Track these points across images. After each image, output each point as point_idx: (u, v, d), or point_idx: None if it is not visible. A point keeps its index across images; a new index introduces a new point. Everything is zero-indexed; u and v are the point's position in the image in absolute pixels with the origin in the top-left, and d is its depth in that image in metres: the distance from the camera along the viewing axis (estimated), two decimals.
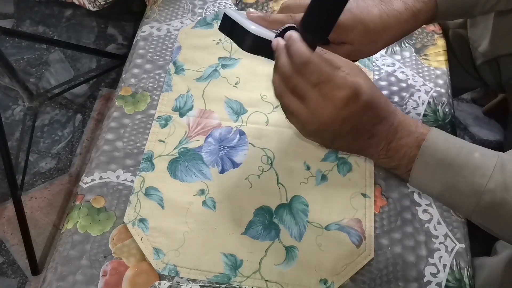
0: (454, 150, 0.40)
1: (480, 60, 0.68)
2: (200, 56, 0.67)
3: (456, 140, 0.42)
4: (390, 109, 0.41)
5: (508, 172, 0.38)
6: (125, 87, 0.64)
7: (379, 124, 0.41)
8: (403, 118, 0.42)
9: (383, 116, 0.41)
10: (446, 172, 0.40)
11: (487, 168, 0.39)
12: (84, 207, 0.55)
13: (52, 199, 1.17)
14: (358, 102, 0.38)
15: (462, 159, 0.40)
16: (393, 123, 0.41)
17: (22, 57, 1.39)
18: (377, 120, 0.41)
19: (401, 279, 0.51)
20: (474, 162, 0.39)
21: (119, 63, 1.34)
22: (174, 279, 0.51)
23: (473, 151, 0.40)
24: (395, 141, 0.42)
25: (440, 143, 0.41)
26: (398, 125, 0.42)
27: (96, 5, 1.13)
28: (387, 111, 0.41)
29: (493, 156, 0.40)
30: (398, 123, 0.42)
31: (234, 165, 0.58)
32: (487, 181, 0.38)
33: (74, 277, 0.51)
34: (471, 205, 0.40)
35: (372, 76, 0.65)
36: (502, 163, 0.39)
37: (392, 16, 0.47)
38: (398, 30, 0.48)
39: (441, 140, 0.41)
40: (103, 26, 1.46)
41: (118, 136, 0.60)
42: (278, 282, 0.50)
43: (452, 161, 0.40)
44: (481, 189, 0.39)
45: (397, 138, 0.42)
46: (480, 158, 0.39)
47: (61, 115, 1.30)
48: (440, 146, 0.41)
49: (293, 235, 0.53)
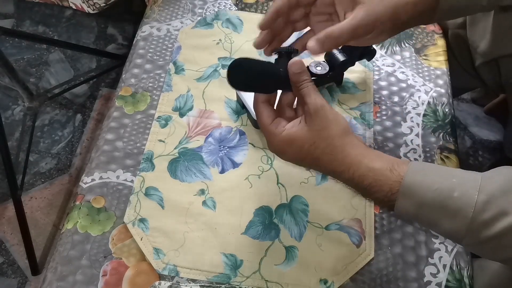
0: (431, 194, 0.39)
1: (479, 60, 0.68)
2: (200, 56, 0.67)
3: (433, 179, 0.40)
4: (337, 169, 0.42)
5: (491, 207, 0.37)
6: (125, 87, 0.64)
7: (333, 173, 0.43)
8: (358, 182, 0.42)
9: (330, 170, 0.43)
10: (428, 216, 0.40)
11: (467, 210, 0.37)
12: (84, 207, 0.55)
13: (52, 199, 1.17)
14: (284, 156, 0.45)
15: (441, 203, 0.39)
16: (348, 179, 0.42)
17: (22, 57, 1.39)
18: (325, 172, 0.44)
19: (401, 279, 0.51)
20: (454, 204, 0.38)
21: (119, 63, 1.33)
22: (174, 279, 0.51)
23: (451, 191, 0.38)
24: (366, 195, 0.43)
25: (416, 190, 0.39)
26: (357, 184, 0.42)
27: (95, 7, 1.12)
28: (331, 168, 0.43)
29: (473, 190, 0.38)
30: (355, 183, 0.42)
31: (234, 165, 0.58)
32: (468, 223, 0.37)
33: (74, 277, 0.51)
34: (456, 241, 0.41)
35: (372, 76, 0.65)
36: (483, 200, 0.37)
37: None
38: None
39: (416, 187, 0.39)
40: (103, 26, 1.46)
41: (118, 136, 0.60)
42: (278, 282, 0.50)
43: (431, 207, 0.39)
44: (464, 230, 0.38)
45: (368, 193, 0.42)
46: (460, 199, 0.38)
47: (61, 115, 1.30)
48: (416, 194, 0.39)
49: (293, 235, 0.53)
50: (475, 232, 0.38)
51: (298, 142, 0.43)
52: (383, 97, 0.64)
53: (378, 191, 0.41)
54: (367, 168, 0.41)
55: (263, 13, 0.72)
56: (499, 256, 0.39)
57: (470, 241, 0.39)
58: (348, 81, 0.64)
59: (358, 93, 0.64)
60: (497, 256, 0.40)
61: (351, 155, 0.42)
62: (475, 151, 1.22)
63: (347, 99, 0.63)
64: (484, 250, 0.40)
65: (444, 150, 0.60)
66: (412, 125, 0.61)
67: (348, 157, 0.42)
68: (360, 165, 0.41)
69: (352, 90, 0.64)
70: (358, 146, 0.42)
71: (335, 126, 0.42)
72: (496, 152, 1.21)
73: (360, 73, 0.65)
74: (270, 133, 0.44)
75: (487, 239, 0.37)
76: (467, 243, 0.39)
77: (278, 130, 0.43)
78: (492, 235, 0.37)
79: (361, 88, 0.64)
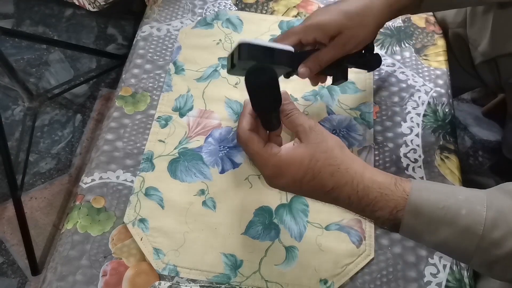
0: (438, 212, 0.38)
1: (479, 59, 0.68)
2: (200, 56, 0.67)
3: (438, 198, 0.38)
4: (339, 182, 0.40)
5: (500, 225, 0.36)
6: (125, 87, 0.64)
7: (331, 193, 0.40)
8: (363, 194, 0.39)
9: (330, 187, 0.40)
10: (435, 235, 0.38)
11: (476, 228, 0.36)
12: (84, 207, 0.55)
13: (52, 199, 1.17)
14: (282, 179, 0.41)
15: (449, 221, 0.37)
16: (350, 196, 0.39)
17: (22, 57, 1.39)
18: (325, 190, 0.40)
19: (401, 279, 0.51)
20: (462, 223, 0.37)
21: (119, 63, 1.33)
22: (174, 279, 0.51)
23: (459, 209, 0.37)
24: (367, 212, 0.40)
25: (422, 209, 0.38)
26: (361, 199, 0.39)
27: (96, 5, 1.13)
28: (333, 183, 0.40)
29: (481, 207, 0.37)
30: (358, 197, 0.39)
31: (234, 165, 0.58)
32: (477, 241, 0.36)
33: (74, 277, 0.51)
34: (464, 261, 0.40)
35: (372, 77, 0.65)
36: (492, 217, 0.36)
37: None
38: (378, 8, 0.50)
39: (422, 206, 0.38)
40: (103, 26, 1.45)
41: (118, 136, 0.60)
42: (278, 282, 0.50)
43: (438, 226, 0.38)
44: (473, 249, 0.37)
45: (368, 211, 0.40)
46: (468, 217, 0.37)
47: (61, 115, 1.30)
48: (422, 213, 0.38)
49: (293, 235, 0.53)
50: (485, 251, 0.36)
51: (297, 159, 0.40)
52: (383, 97, 0.64)
53: (383, 207, 0.39)
54: (371, 180, 0.39)
55: (263, 13, 0.72)
56: (509, 276, 0.38)
57: (479, 261, 0.37)
58: (348, 81, 0.64)
59: (358, 93, 0.64)
60: (507, 276, 0.38)
61: (353, 167, 0.40)
62: (475, 151, 1.22)
63: (347, 99, 0.63)
64: (494, 270, 0.38)
65: (444, 150, 0.60)
66: (412, 125, 0.61)
67: (350, 169, 0.40)
68: (364, 177, 0.39)
69: (352, 90, 0.64)
70: (357, 159, 0.41)
71: (331, 139, 0.41)
72: (496, 152, 1.21)
73: (360, 73, 0.65)
74: (264, 157, 0.41)
75: (497, 259, 0.36)
76: (476, 263, 0.38)
77: (274, 151, 0.41)
78: (502, 254, 0.36)
79: (361, 88, 0.64)
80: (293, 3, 0.73)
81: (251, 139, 0.42)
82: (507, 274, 0.38)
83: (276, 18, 0.71)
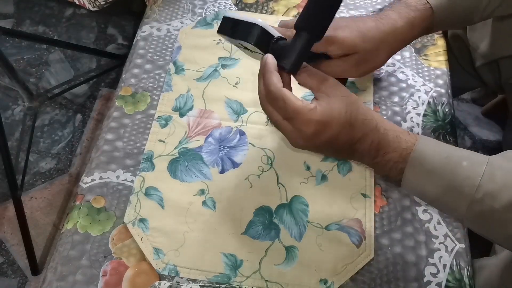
0: (442, 160, 0.41)
1: (479, 61, 0.68)
2: (200, 56, 0.67)
3: (444, 149, 0.42)
4: (367, 129, 0.43)
5: (498, 179, 0.38)
6: (125, 87, 0.64)
7: (356, 144, 0.43)
8: (383, 136, 0.43)
9: (359, 136, 0.43)
10: (435, 183, 0.41)
11: (475, 178, 0.39)
12: (84, 207, 0.55)
13: (52, 199, 1.17)
14: (326, 133, 0.41)
15: (450, 169, 0.40)
16: (373, 141, 0.43)
17: (22, 57, 1.39)
18: (354, 141, 0.43)
19: (401, 279, 0.51)
20: (462, 172, 0.39)
21: (119, 63, 1.33)
22: (174, 279, 0.51)
23: (461, 160, 0.40)
24: (379, 157, 0.43)
25: (428, 154, 0.41)
26: (379, 142, 0.43)
27: (96, 5, 1.13)
28: (363, 131, 0.43)
29: (482, 163, 0.40)
30: (378, 140, 0.43)
31: (234, 165, 0.58)
32: (474, 191, 0.38)
33: (74, 277, 0.51)
34: (461, 213, 0.41)
35: (372, 76, 0.65)
36: (491, 172, 0.39)
37: (387, 24, 0.50)
38: (395, 37, 0.51)
39: (428, 151, 0.42)
40: (103, 26, 1.46)
41: (118, 136, 0.60)
42: (278, 282, 0.50)
43: (440, 173, 0.40)
44: (470, 198, 0.39)
45: (381, 155, 0.43)
46: (468, 168, 0.39)
47: (61, 115, 1.30)
48: (427, 158, 0.41)
49: (293, 235, 0.53)
50: (479, 202, 0.38)
51: (336, 112, 0.41)
52: (383, 97, 0.64)
53: (396, 148, 0.42)
54: (390, 124, 0.44)
55: (263, 13, 0.72)
56: (501, 233, 0.39)
57: (472, 214, 0.39)
58: (348, 81, 0.64)
59: (358, 93, 0.64)
60: (498, 232, 0.40)
61: (373, 114, 0.44)
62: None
63: None
64: (486, 224, 0.40)
65: None
66: (412, 125, 0.61)
67: (373, 116, 0.43)
68: (384, 120, 0.44)
69: (352, 90, 0.64)
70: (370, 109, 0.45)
71: (352, 93, 0.44)
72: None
73: None
74: (307, 114, 0.40)
75: (491, 211, 0.38)
76: (470, 216, 0.39)
77: (311, 106, 0.40)
78: (497, 207, 0.37)
79: (361, 88, 0.64)
80: (293, 3, 0.73)
81: (288, 95, 0.40)
82: (499, 230, 0.39)
83: (276, 18, 0.71)
